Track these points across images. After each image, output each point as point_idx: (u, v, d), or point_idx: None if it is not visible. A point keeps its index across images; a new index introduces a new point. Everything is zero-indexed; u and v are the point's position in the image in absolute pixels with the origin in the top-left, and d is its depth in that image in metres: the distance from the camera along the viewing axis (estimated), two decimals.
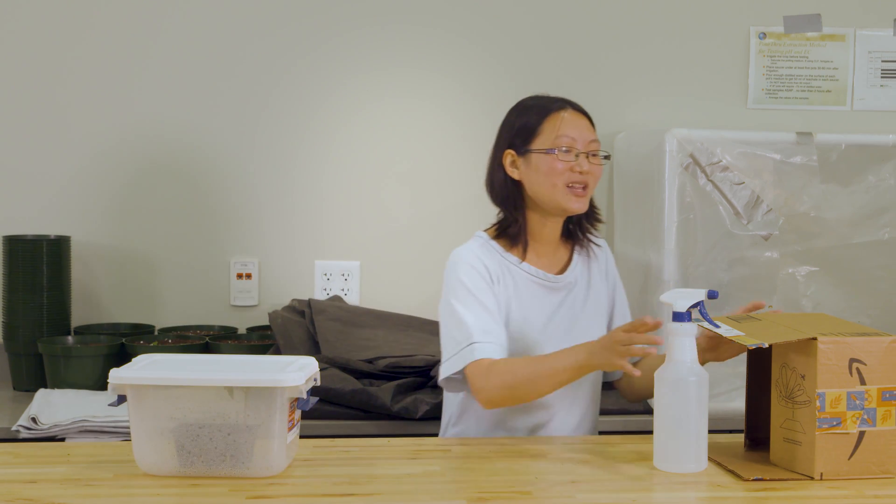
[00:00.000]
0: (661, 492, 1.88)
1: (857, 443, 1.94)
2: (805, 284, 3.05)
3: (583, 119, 2.37)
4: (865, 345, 1.94)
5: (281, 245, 3.37)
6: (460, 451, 2.12)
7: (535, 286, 2.36)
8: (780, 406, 2.00)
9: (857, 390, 1.94)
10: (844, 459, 1.94)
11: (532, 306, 2.35)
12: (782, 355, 2.00)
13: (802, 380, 1.95)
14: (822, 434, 1.92)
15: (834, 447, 1.93)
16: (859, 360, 1.94)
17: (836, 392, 1.92)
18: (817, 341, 1.92)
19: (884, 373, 1.95)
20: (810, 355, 1.93)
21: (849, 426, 1.93)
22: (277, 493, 1.84)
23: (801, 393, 1.95)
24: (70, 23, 3.28)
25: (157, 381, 1.89)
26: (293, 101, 3.35)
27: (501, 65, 3.42)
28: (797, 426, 1.96)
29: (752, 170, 2.95)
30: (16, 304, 3.09)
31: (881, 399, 1.95)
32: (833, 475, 1.93)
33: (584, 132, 2.34)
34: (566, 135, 2.32)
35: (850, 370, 1.93)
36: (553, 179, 2.31)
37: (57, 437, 2.65)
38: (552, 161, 2.31)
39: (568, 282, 2.39)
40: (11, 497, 1.79)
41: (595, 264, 2.45)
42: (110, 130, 3.31)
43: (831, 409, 1.92)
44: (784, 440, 1.99)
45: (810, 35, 3.47)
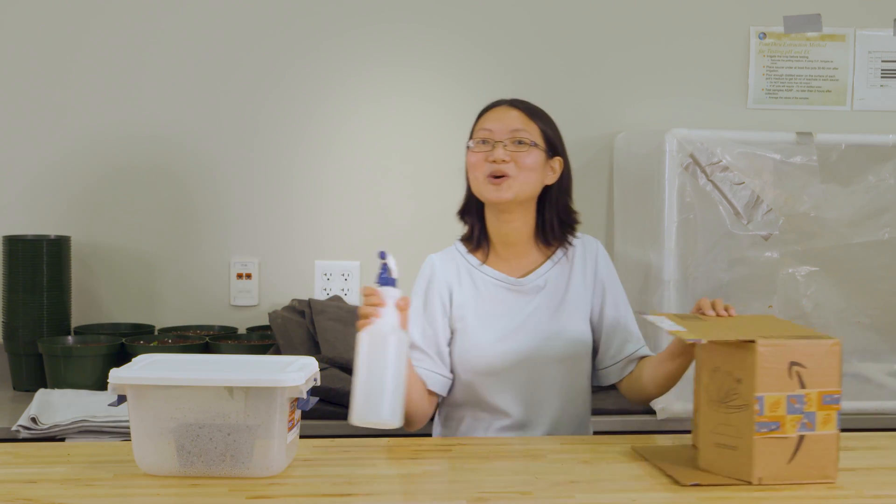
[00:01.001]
0: (661, 492, 1.88)
1: (797, 447, 1.90)
2: (805, 284, 3.05)
3: (513, 111, 2.36)
4: (805, 348, 1.90)
5: (281, 245, 3.37)
6: (460, 451, 2.12)
7: (499, 289, 2.35)
8: (711, 411, 1.95)
9: (797, 394, 1.89)
10: (784, 464, 1.90)
11: (494, 310, 2.33)
12: (712, 360, 1.96)
13: (738, 383, 1.90)
14: (760, 438, 1.88)
15: (773, 452, 1.89)
16: (799, 363, 1.90)
17: (775, 396, 1.89)
18: (756, 344, 1.88)
19: (824, 376, 1.90)
20: (748, 358, 1.89)
21: (788, 430, 1.89)
22: (277, 493, 1.84)
23: (737, 397, 1.90)
24: (71, 24, 3.28)
25: (157, 381, 1.89)
26: (293, 100, 3.35)
27: (501, 65, 3.42)
28: (731, 431, 1.92)
29: (752, 170, 2.95)
30: (16, 304, 3.09)
31: (821, 403, 1.91)
32: (772, 480, 1.89)
33: (505, 123, 2.33)
34: (483, 128, 2.34)
35: (790, 373, 1.89)
36: (474, 173, 2.33)
37: (57, 437, 2.64)
38: (469, 155, 2.34)
39: (535, 285, 2.36)
40: (11, 497, 1.79)
41: (578, 266, 2.41)
42: (110, 131, 3.31)
43: (770, 412, 1.88)
44: (716, 445, 1.95)
45: (810, 35, 3.47)
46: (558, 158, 2.41)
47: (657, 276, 2.92)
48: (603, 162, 3.45)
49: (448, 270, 2.36)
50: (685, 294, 2.92)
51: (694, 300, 2.93)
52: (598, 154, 3.45)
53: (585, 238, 2.46)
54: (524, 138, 2.32)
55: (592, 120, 3.45)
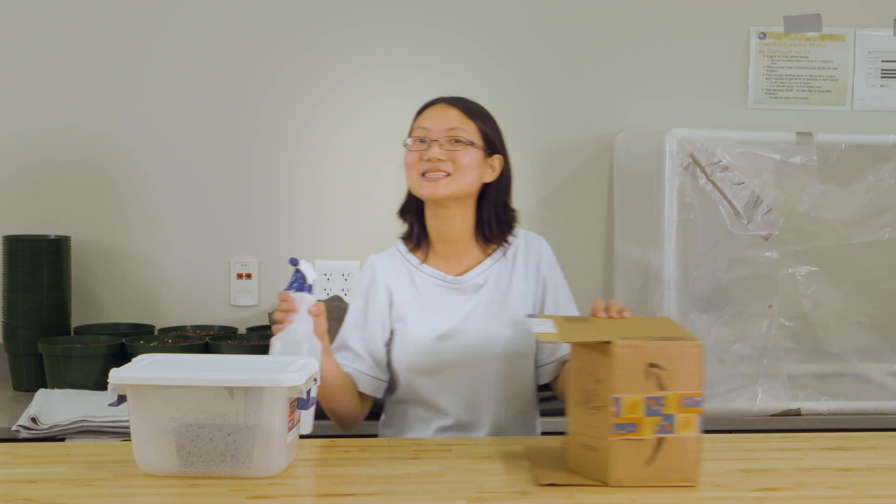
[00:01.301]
0: (661, 492, 1.88)
1: (656, 449, 1.87)
2: (805, 284, 3.05)
3: (450, 109, 2.35)
4: (664, 349, 1.87)
5: (281, 245, 3.37)
6: (460, 451, 2.12)
7: (438, 288, 2.35)
8: (577, 411, 1.94)
9: (655, 396, 1.86)
10: (642, 466, 1.87)
11: (434, 309, 2.33)
12: (579, 359, 1.94)
13: (598, 384, 1.88)
14: (617, 440, 1.86)
15: (630, 454, 1.86)
16: (657, 364, 1.86)
17: (632, 397, 1.86)
18: (613, 345, 1.86)
19: (684, 378, 1.86)
20: (607, 359, 1.87)
21: (645, 432, 1.86)
22: (277, 493, 1.84)
23: (597, 398, 1.89)
24: (73, 21, 3.28)
25: (157, 381, 1.89)
26: (292, 100, 3.35)
27: (501, 65, 3.42)
28: (593, 432, 1.90)
29: (752, 170, 2.94)
30: (16, 304, 3.09)
31: (681, 405, 1.87)
32: (629, 482, 1.86)
33: (442, 121, 2.32)
34: (420, 126, 2.34)
35: (648, 375, 1.86)
36: (410, 171, 2.34)
37: (57, 437, 2.65)
38: (406, 153, 2.34)
39: (475, 283, 2.36)
40: (11, 497, 1.79)
41: (521, 263, 2.40)
42: (110, 131, 3.31)
43: (627, 414, 1.86)
44: (581, 446, 1.93)
45: (810, 35, 3.47)
46: (498, 157, 2.39)
47: (657, 276, 2.92)
48: (603, 162, 3.45)
49: (388, 271, 2.37)
50: (685, 294, 2.93)
51: (694, 300, 2.93)
52: (598, 154, 3.45)
53: (529, 235, 2.45)
54: (461, 137, 2.32)
55: (592, 120, 3.45)
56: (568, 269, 3.46)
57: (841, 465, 2.06)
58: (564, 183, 3.46)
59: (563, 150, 3.46)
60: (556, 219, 3.46)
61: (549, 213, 3.46)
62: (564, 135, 3.46)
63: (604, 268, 3.47)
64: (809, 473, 2.01)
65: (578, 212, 3.47)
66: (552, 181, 3.46)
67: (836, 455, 2.14)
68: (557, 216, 3.46)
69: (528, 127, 3.44)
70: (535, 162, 3.45)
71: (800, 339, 3.05)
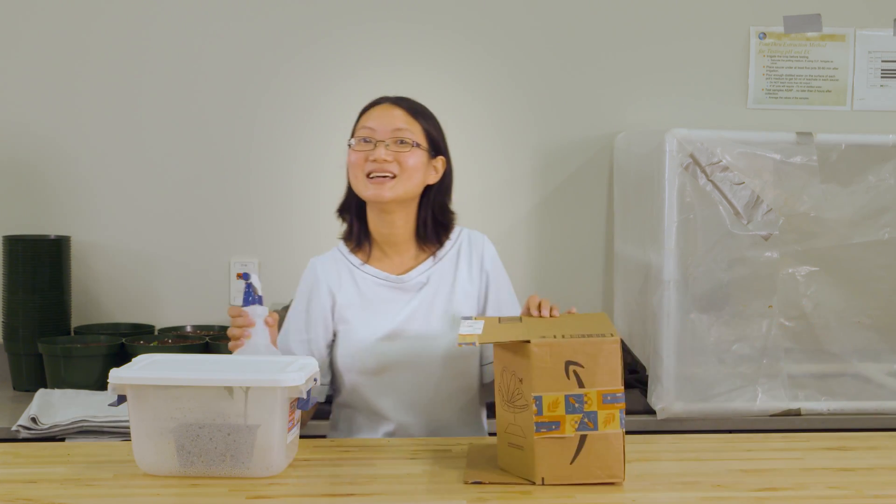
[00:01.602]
0: (662, 492, 1.88)
1: (579, 447, 1.87)
2: (805, 284, 3.05)
3: (395, 110, 2.33)
4: (582, 346, 1.86)
5: (281, 245, 3.37)
6: (460, 451, 2.12)
7: (380, 288, 2.34)
8: (503, 411, 1.94)
9: (576, 393, 1.86)
10: (566, 464, 1.87)
11: (377, 309, 2.32)
12: (502, 360, 1.94)
13: (520, 383, 1.88)
14: (540, 438, 1.86)
15: (554, 451, 1.87)
16: (576, 362, 1.86)
17: (553, 395, 1.86)
18: (531, 344, 1.86)
19: (604, 375, 1.86)
20: (526, 358, 1.87)
21: (567, 430, 1.86)
22: (277, 493, 1.84)
23: (520, 397, 1.89)
24: (72, 20, 3.28)
25: (157, 381, 1.89)
26: (292, 100, 3.35)
27: (503, 64, 3.43)
28: (518, 431, 1.90)
29: (752, 170, 2.94)
30: (16, 304, 3.09)
31: (602, 402, 1.87)
32: (555, 480, 1.87)
33: (387, 122, 2.30)
34: (365, 126, 2.31)
35: (567, 373, 1.86)
36: (354, 171, 2.30)
37: (57, 437, 2.65)
38: (350, 153, 2.31)
39: (417, 282, 2.35)
40: (11, 497, 1.79)
41: (464, 262, 2.39)
42: (109, 130, 3.31)
43: (549, 412, 1.86)
44: (508, 445, 1.94)
45: (810, 35, 3.47)
46: (441, 158, 2.38)
47: (657, 276, 2.92)
48: (603, 162, 3.45)
49: (329, 273, 2.36)
50: (685, 294, 2.92)
51: (694, 300, 2.93)
52: (598, 154, 3.45)
53: (473, 233, 2.44)
54: (407, 138, 2.30)
55: (592, 120, 3.45)
56: (568, 269, 3.48)
57: (841, 465, 2.06)
58: (564, 183, 3.46)
59: (563, 150, 3.46)
60: (556, 219, 3.46)
61: (549, 213, 3.46)
62: (564, 135, 3.46)
63: (604, 268, 3.47)
64: (809, 473, 2.01)
65: (578, 212, 3.47)
66: (552, 181, 3.46)
67: (836, 455, 2.14)
68: (557, 216, 3.46)
69: (528, 127, 3.45)
70: (535, 162, 3.45)
71: (800, 339, 3.05)
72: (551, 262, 3.44)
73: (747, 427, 2.86)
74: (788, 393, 2.97)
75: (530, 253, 3.46)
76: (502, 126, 3.45)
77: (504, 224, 3.45)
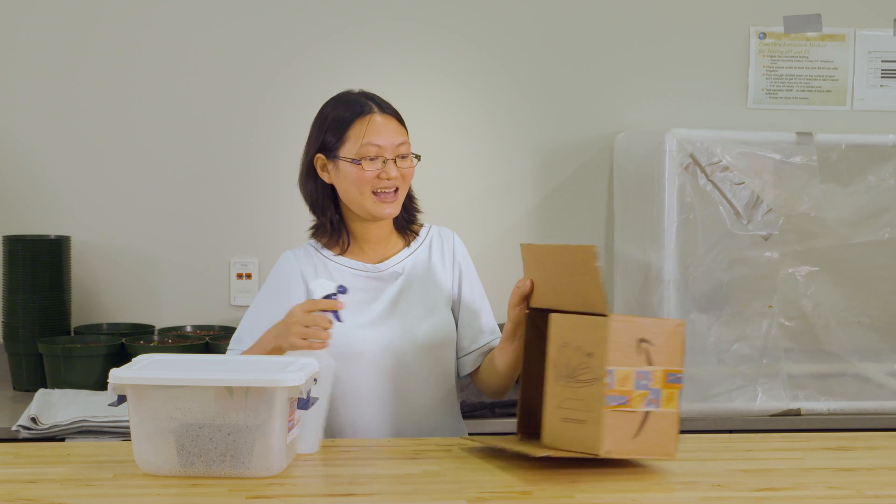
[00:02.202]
0: (661, 492, 1.88)
1: (643, 422, 1.92)
2: (805, 284, 3.05)
3: (391, 121, 2.32)
4: (654, 325, 1.93)
5: (281, 245, 3.35)
6: (460, 451, 2.12)
7: (356, 278, 2.33)
8: (558, 387, 1.98)
9: (644, 370, 1.92)
10: (630, 438, 1.92)
11: (353, 299, 2.28)
12: (563, 336, 1.98)
13: (589, 358, 1.93)
14: (610, 411, 1.90)
15: (621, 425, 1.91)
16: (647, 340, 1.92)
17: (624, 370, 1.91)
18: (610, 318, 1.91)
19: (669, 355, 1.93)
20: (600, 333, 1.91)
21: (635, 405, 1.92)
22: (277, 493, 1.84)
23: (587, 371, 1.93)
24: (78, 16, 3.28)
25: (157, 381, 1.89)
26: (292, 99, 3.35)
27: (502, 64, 3.43)
28: (580, 405, 1.94)
29: (752, 170, 2.95)
30: (16, 304, 3.09)
31: (666, 381, 1.93)
32: (618, 453, 1.92)
33: (391, 137, 2.29)
34: (372, 143, 2.28)
35: (639, 349, 1.92)
36: (361, 188, 2.28)
37: (57, 437, 2.65)
38: (359, 171, 2.27)
39: (393, 271, 2.35)
40: (11, 497, 1.79)
41: (436, 253, 2.41)
42: (111, 131, 3.31)
43: (619, 386, 1.91)
44: (562, 420, 1.97)
45: (810, 35, 3.47)
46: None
47: (657, 276, 2.92)
48: (603, 162, 3.45)
49: (304, 265, 2.35)
50: (685, 294, 2.93)
51: (694, 300, 2.94)
52: (598, 154, 3.45)
53: (442, 229, 2.46)
54: (406, 153, 2.32)
55: (592, 120, 3.45)
56: None
57: (841, 465, 2.06)
58: (564, 183, 3.47)
59: (563, 150, 3.46)
60: (556, 219, 3.46)
61: (549, 213, 3.46)
62: (564, 135, 3.46)
63: (604, 268, 3.46)
64: (809, 473, 2.01)
65: (578, 212, 3.47)
66: (552, 181, 3.46)
67: (836, 455, 2.14)
68: (557, 216, 3.46)
69: (528, 127, 3.45)
70: (535, 162, 3.45)
71: (800, 339, 3.05)
72: None
73: (747, 427, 2.86)
74: (788, 393, 2.97)
75: None
76: (502, 126, 3.45)
77: (504, 224, 3.45)
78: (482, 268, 2.56)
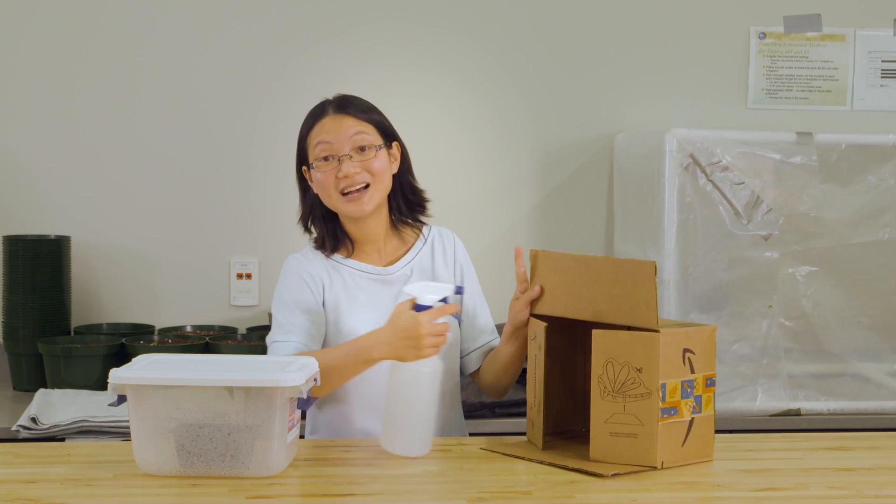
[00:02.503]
0: (661, 492, 1.88)
1: (689, 429, 1.98)
2: (805, 284, 3.05)
3: (344, 118, 2.26)
4: (695, 335, 1.99)
5: (281, 245, 3.36)
6: (460, 452, 2.12)
7: (367, 281, 2.32)
8: (606, 402, 1.99)
9: (689, 379, 1.97)
10: (679, 446, 1.97)
11: (367, 302, 2.30)
12: (606, 351, 1.99)
13: (639, 373, 1.95)
14: (663, 424, 1.94)
15: (671, 435, 1.96)
16: (690, 349, 1.97)
17: (673, 382, 1.95)
18: (660, 334, 1.93)
19: (706, 360, 2.00)
20: (651, 349, 1.94)
21: (684, 414, 1.97)
22: (277, 493, 1.84)
23: (638, 386, 1.95)
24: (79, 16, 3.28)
25: (157, 381, 1.89)
26: (292, 99, 3.35)
27: (501, 65, 3.43)
28: (631, 420, 1.96)
29: (752, 170, 2.95)
30: (16, 304, 3.09)
31: (705, 386, 2.00)
32: (670, 462, 1.96)
33: (341, 132, 2.24)
34: (322, 141, 2.24)
35: (684, 360, 1.97)
36: (326, 191, 2.25)
37: (57, 437, 2.65)
38: (315, 174, 2.26)
39: (403, 273, 2.34)
40: (11, 497, 1.79)
41: (439, 253, 2.40)
42: (111, 131, 3.31)
43: (670, 399, 1.95)
44: (611, 435, 1.98)
45: (810, 35, 3.47)
46: (395, 143, 2.33)
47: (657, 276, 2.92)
48: (603, 162, 3.45)
49: (316, 266, 2.32)
50: (685, 294, 2.93)
51: (694, 300, 2.94)
52: (598, 154, 3.45)
53: (442, 229, 2.44)
54: (366, 143, 2.25)
55: (592, 120, 3.45)
56: None
57: (841, 465, 2.06)
58: (564, 183, 3.47)
59: (563, 150, 3.46)
60: (556, 219, 3.46)
61: (549, 213, 3.46)
62: (564, 135, 3.46)
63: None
64: (809, 473, 2.01)
65: (578, 212, 3.47)
66: (552, 181, 3.46)
67: (836, 455, 2.14)
68: (557, 216, 3.46)
69: (527, 127, 3.45)
70: (535, 162, 3.45)
71: (800, 339, 3.05)
72: None
73: (747, 427, 2.86)
74: (788, 393, 2.97)
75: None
76: (502, 126, 3.45)
77: (504, 224, 3.45)
78: (482, 268, 2.56)
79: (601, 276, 2.05)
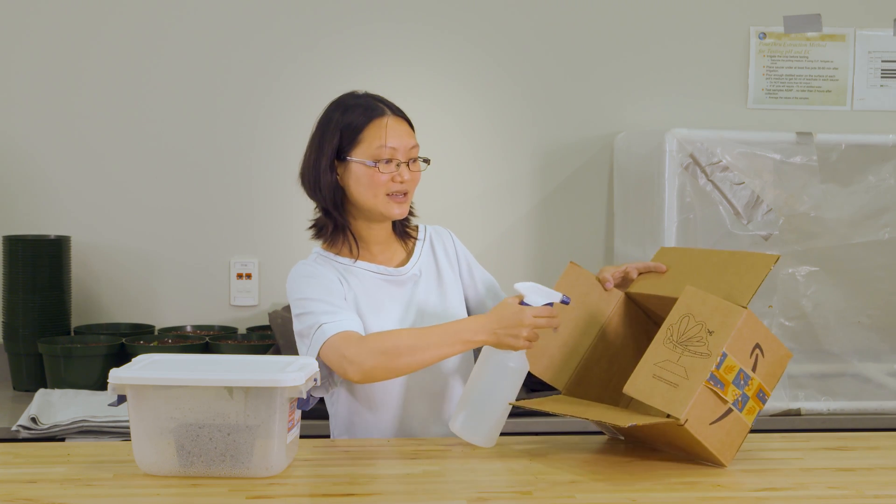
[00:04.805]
0: (661, 492, 1.88)
1: (723, 416, 1.98)
2: (805, 284, 3.05)
3: (403, 125, 2.33)
4: (772, 341, 2.02)
5: (281, 245, 3.37)
6: (460, 451, 2.12)
7: (381, 282, 2.33)
8: (665, 348, 2.03)
9: (748, 373, 2.00)
10: (707, 422, 1.97)
11: (382, 303, 2.31)
12: (689, 305, 2.04)
13: (709, 335, 1.99)
14: (706, 388, 1.96)
15: (707, 405, 1.97)
16: (761, 347, 2.00)
17: (734, 361, 1.98)
18: (745, 311, 1.98)
19: (769, 375, 2.02)
20: (731, 318, 1.98)
21: (727, 396, 1.98)
22: (277, 493, 1.84)
23: (703, 345, 1.99)
24: (81, 17, 3.28)
25: (157, 381, 1.89)
26: (292, 100, 3.35)
27: (501, 65, 3.43)
28: (678, 370, 1.99)
29: (752, 170, 2.95)
30: (16, 304, 3.09)
31: (756, 393, 2.02)
32: (692, 427, 1.96)
33: (405, 140, 2.30)
34: (388, 145, 2.27)
35: (752, 352, 2.00)
36: (375, 190, 2.28)
37: (57, 437, 2.65)
38: (374, 173, 2.27)
39: (413, 274, 2.36)
40: (11, 497, 1.79)
41: (440, 251, 2.43)
42: (111, 131, 3.32)
43: (723, 372, 1.97)
44: (653, 377, 2.01)
45: (810, 35, 3.47)
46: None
47: None
48: (603, 162, 3.45)
49: (328, 269, 2.32)
50: None
51: None
52: (598, 154, 3.45)
53: (436, 228, 2.47)
54: (416, 156, 2.33)
55: (592, 120, 3.45)
56: None
57: (841, 465, 2.06)
58: (564, 183, 3.47)
59: (563, 150, 3.46)
60: (556, 219, 3.47)
61: (549, 213, 3.46)
62: (564, 135, 3.46)
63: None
64: (809, 473, 2.01)
65: (578, 212, 3.47)
66: (552, 181, 3.46)
67: (836, 455, 2.15)
68: (557, 216, 3.46)
69: (528, 127, 3.45)
70: (535, 162, 3.45)
71: (800, 339, 3.05)
72: (551, 262, 3.44)
73: None
74: (788, 393, 2.97)
75: (530, 253, 3.46)
76: (502, 126, 3.45)
77: (504, 224, 3.46)
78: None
79: (720, 264, 2.14)
